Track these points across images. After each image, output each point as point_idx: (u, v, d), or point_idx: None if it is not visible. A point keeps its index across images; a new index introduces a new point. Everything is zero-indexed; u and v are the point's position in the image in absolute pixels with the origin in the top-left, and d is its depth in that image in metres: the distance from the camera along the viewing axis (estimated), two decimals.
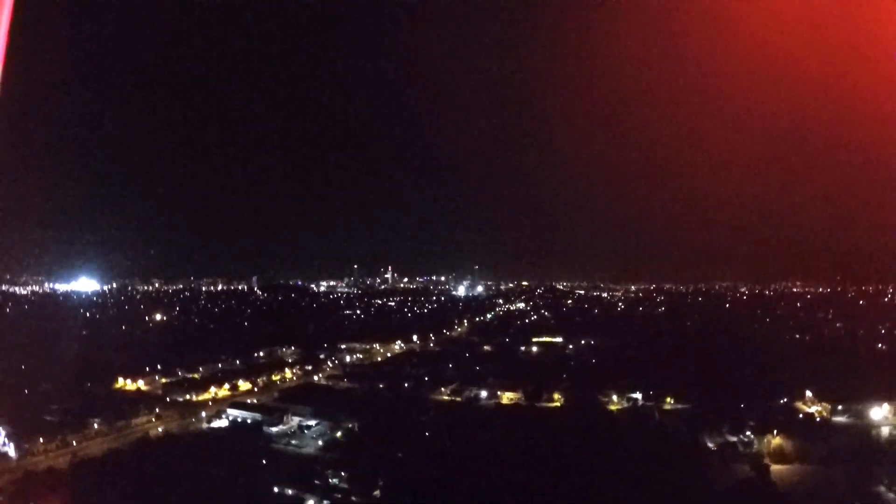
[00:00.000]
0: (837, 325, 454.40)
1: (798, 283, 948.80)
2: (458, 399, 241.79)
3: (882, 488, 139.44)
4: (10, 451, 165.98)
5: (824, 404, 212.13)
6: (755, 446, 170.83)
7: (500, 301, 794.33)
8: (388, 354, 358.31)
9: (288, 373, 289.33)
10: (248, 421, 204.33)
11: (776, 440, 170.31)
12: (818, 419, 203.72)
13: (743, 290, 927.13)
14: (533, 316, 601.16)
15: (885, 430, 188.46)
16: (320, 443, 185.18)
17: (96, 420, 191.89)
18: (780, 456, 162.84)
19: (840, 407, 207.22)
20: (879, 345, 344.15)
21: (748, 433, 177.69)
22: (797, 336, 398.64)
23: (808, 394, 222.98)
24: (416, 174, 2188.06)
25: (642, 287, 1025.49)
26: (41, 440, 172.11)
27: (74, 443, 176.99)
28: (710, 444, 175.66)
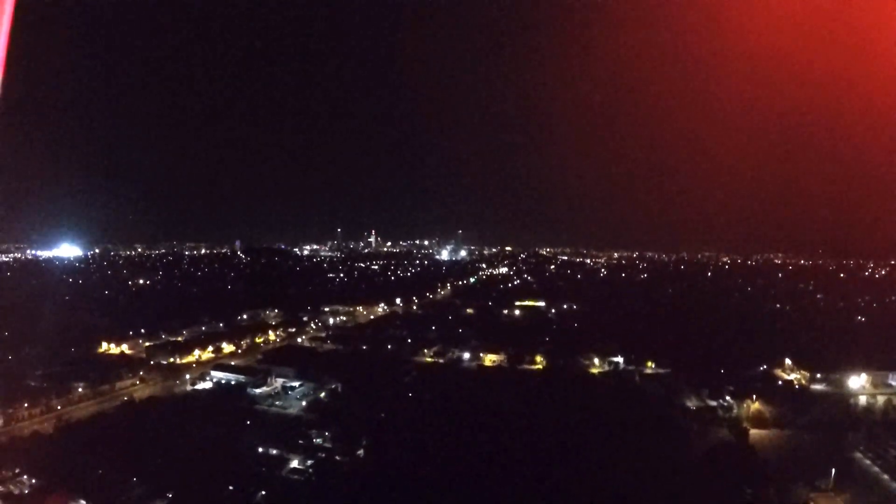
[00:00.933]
0: (818, 296, 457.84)
1: (780, 256, 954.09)
2: (441, 361, 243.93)
3: (858, 454, 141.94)
4: None
5: (803, 372, 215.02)
6: (734, 411, 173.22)
7: (484, 266, 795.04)
8: (371, 317, 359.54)
9: (271, 335, 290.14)
10: (232, 383, 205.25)
11: (755, 405, 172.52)
12: (797, 386, 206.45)
13: (725, 259, 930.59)
14: (516, 280, 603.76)
15: (861, 399, 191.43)
16: (304, 403, 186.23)
17: (80, 384, 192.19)
18: (758, 420, 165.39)
19: (818, 375, 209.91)
20: (858, 317, 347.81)
21: (727, 398, 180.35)
22: (777, 306, 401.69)
23: (788, 362, 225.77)
24: (400, 139, 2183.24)
25: (625, 255, 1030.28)
26: (25, 405, 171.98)
27: (59, 407, 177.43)
28: (690, 408, 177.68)
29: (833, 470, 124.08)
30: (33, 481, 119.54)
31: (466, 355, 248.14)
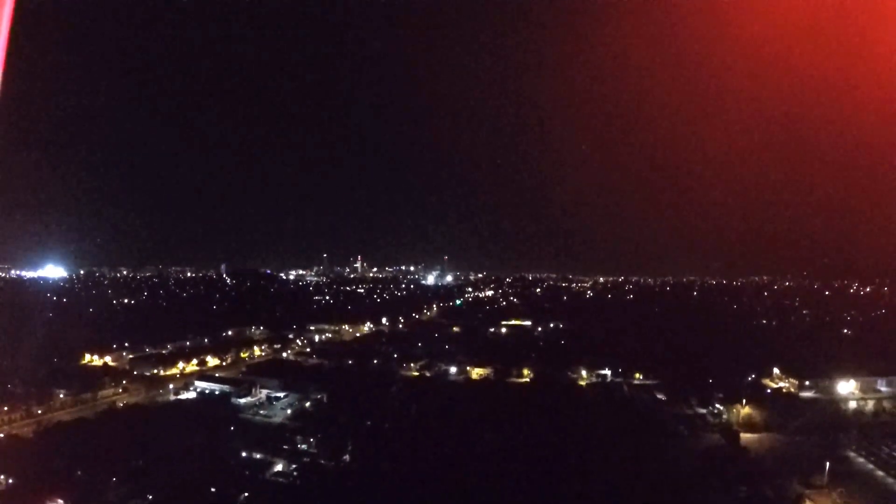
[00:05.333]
0: (803, 312, 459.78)
1: (765, 277, 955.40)
2: (428, 374, 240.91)
3: (851, 453, 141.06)
4: None
5: (791, 380, 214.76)
6: (724, 416, 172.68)
7: (470, 289, 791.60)
8: (357, 335, 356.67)
9: (256, 350, 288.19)
10: (216, 393, 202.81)
11: (745, 410, 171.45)
12: (786, 393, 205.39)
13: (711, 282, 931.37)
14: (502, 302, 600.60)
15: (851, 404, 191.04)
16: (289, 412, 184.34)
17: (62, 392, 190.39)
18: (749, 425, 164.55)
19: (807, 383, 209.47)
20: (844, 330, 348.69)
21: (717, 405, 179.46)
22: (764, 321, 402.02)
23: (776, 371, 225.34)
24: (387, 165, 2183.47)
25: (611, 279, 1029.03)
26: (5, 408, 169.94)
27: (39, 412, 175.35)
28: (680, 414, 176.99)
29: (827, 467, 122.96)
30: (10, 481, 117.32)
31: (453, 369, 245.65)
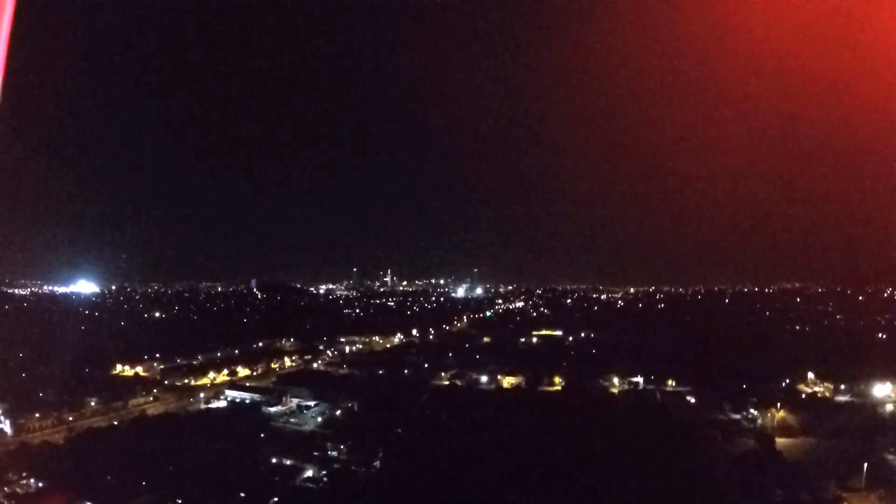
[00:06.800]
0: (837, 317, 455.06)
1: (797, 284, 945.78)
2: (459, 383, 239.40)
3: (889, 455, 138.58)
4: (6, 427, 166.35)
5: (826, 385, 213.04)
6: (759, 421, 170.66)
7: (500, 301, 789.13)
8: (388, 346, 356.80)
9: (287, 361, 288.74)
10: (247, 401, 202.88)
11: (780, 415, 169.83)
12: (821, 397, 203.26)
13: (742, 289, 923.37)
14: (532, 313, 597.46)
15: (889, 407, 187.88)
16: (319, 420, 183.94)
17: (93, 400, 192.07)
18: (784, 429, 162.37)
19: (842, 387, 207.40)
20: (879, 334, 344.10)
21: (751, 410, 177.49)
22: (797, 327, 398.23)
23: (811, 376, 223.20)
24: (415, 177, 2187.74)
25: (641, 289, 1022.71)
26: (37, 416, 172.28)
27: (71, 419, 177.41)
28: (713, 420, 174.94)
29: (864, 470, 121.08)
30: (40, 484, 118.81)
31: (484, 378, 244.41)
